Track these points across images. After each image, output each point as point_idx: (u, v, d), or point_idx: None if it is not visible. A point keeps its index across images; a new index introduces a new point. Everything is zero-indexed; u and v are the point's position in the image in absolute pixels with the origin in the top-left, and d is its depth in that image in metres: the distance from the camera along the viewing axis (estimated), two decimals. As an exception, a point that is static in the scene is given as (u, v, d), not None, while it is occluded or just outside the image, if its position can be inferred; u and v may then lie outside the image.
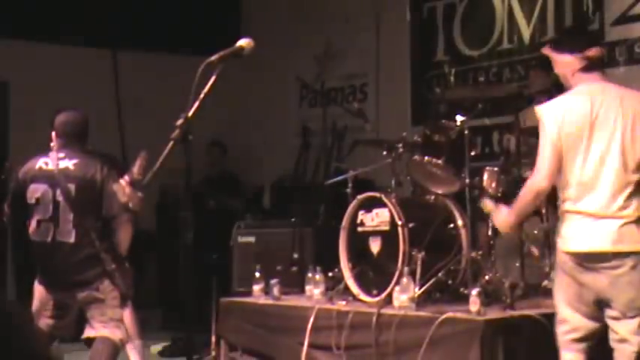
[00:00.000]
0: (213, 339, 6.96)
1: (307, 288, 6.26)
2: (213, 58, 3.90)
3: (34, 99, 8.86)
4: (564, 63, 4.33)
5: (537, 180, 4.21)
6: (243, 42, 4.01)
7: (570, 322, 4.25)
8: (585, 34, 4.68)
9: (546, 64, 6.28)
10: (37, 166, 5.48)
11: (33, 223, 5.43)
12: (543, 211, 5.60)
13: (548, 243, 5.61)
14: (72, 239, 5.36)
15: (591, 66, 4.24)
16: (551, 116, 4.18)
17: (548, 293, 5.35)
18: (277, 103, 10.16)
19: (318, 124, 8.78)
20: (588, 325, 4.22)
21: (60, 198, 5.36)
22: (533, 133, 5.77)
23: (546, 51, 4.45)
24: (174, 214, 9.04)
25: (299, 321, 5.71)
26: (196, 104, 3.88)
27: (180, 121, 3.86)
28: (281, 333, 5.83)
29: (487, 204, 4.79)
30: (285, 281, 6.49)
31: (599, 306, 4.15)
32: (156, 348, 7.60)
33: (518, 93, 5.93)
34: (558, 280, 4.31)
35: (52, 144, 5.61)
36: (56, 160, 5.45)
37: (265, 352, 6.19)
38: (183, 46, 9.50)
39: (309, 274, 6.29)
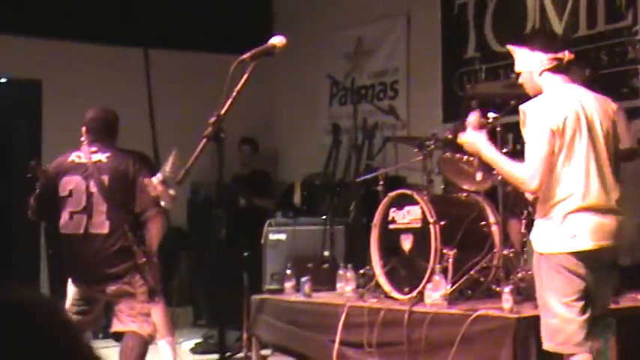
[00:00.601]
0: (245, 336, 6.98)
1: (338, 285, 6.27)
2: (246, 56, 3.92)
3: (67, 97, 8.94)
4: (534, 61, 4.32)
5: (532, 184, 4.19)
6: (275, 40, 4.02)
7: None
8: (558, 38, 4.55)
9: (581, 61, 6.26)
10: (69, 160, 5.50)
11: (65, 216, 5.42)
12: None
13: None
14: (105, 230, 5.35)
15: (560, 68, 4.30)
16: (545, 115, 4.17)
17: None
18: (308, 101, 10.16)
19: (348, 122, 8.79)
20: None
21: (93, 189, 5.36)
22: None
23: (513, 47, 4.39)
24: (206, 212, 9.09)
25: (330, 318, 5.73)
26: (229, 102, 3.90)
27: (212, 119, 3.88)
28: (312, 330, 5.85)
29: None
30: (316, 279, 6.50)
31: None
32: (188, 345, 7.63)
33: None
34: (561, 282, 4.14)
35: (82, 139, 5.64)
36: (89, 154, 5.47)
37: (297, 350, 6.21)
38: (214, 45, 9.54)
39: (340, 272, 6.29)
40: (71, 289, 5.62)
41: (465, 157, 5.78)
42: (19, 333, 1.33)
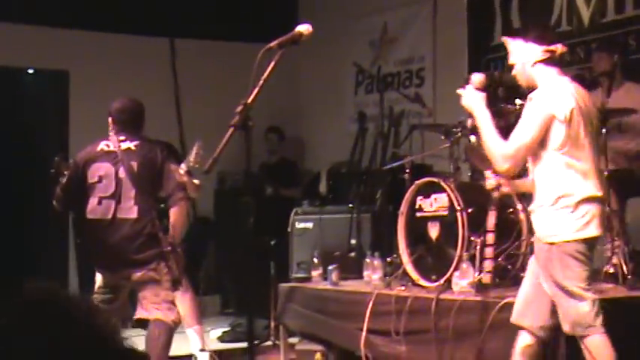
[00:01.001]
0: (272, 324, 7.01)
1: (365, 273, 6.27)
2: (273, 44, 3.92)
3: (94, 87, 8.98)
4: (528, 52, 4.37)
5: (504, 165, 4.36)
6: (301, 28, 4.02)
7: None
8: (551, 30, 4.59)
9: (609, 46, 6.22)
10: (98, 148, 5.55)
11: (93, 202, 5.44)
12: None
13: (610, 227, 5.54)
14: (134, 215, 5.39)
15: (553, 60, 4.34)
16: (551, 103, 4.20)
17: (610, 278, 5.32)
18: (333, 90, 10.15)
19: (374, 110, 8.77)
20: None
21: (122, 175, 5.41)
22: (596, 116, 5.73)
23: (508, 39, 4.43)
24: (233, 201, 9.11)
25: (358, 306, 5.73)
26: (256, 91, 3.90)
27: (239, 108, 3.88)
28: (340, 318, 5.85)
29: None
30: (343, 267, 6.51)
31: None
32: (215, 333, 7.66)
33: (576, 76, 5.84)
34: (579, 268, 4.20)
35: (109, 130, 5.68)
36: (117, 142, 5.52)
37: (324, 338, 6.23)
38: (240, 34, 9.55)
39: (368, 260, 6.30)
40: (97, 278, 5.66)
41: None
42: (55, 332, 1.34)
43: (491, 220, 5.34)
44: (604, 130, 5.56)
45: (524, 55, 4.40)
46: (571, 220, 4.18)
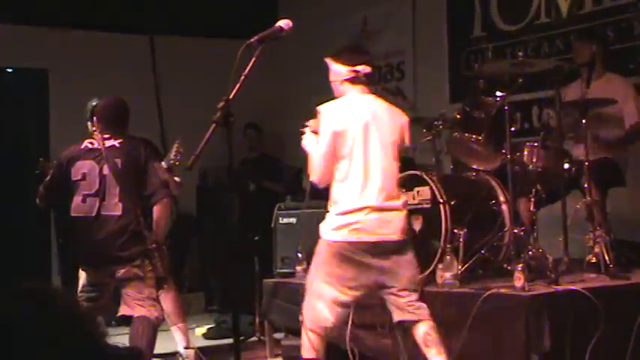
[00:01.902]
0: (257, 320, 7.01)
1: (349, 267, 6.26)
2: (253, 39, 3.92)
3: (73, 86, 8.94)
4: (336, 72, 4.86)
5: (312, 176, 4.76)
6: (282, 23, 4.03)
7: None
8: (361, 53, 5.05)
9: (588, 37, 6.25)
10: (82, 146, 5.54)
11: (77, 200, 5.43)
12: (585, 185, 5.56)
13: (592, 217, 5.58)
14: (118, 212, 5.39)
15: (358, 80, 4.79)
16: (332, 118, 4.68)
17: (592, 268, 5.36)
18: (314, 84, 10.09)
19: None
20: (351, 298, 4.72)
21: (106, 172, 5.41)
22: (575, 107, 5.77)
23: (326, 59, 4.69)
24: (216, 197, 9.10)
25: (342, 300, 5.71)
26: (237, 87, 3.89)
27: (221, 104, 3.88)
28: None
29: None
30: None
31: (376, 284, 4.68)
32: (200, 330, 7.66)
33: (556, 67, 5.87)
34: (333, 263, 4.65)
35: (93, 129, 5.72)
36: (102, 140, 5.52)
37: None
38: (219, 30, 9.54)
39: (352, 254, 6.28)
40: (82, 276, 5.66)
41: (474, 137, 5.79)
42: (44, 320, 1.34)
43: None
44: (584, 121, 5.59)
45: (335, 74, 4.88)
46: (338, 223, 4.62)
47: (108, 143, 5.51)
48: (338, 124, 4.64)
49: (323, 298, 4.67)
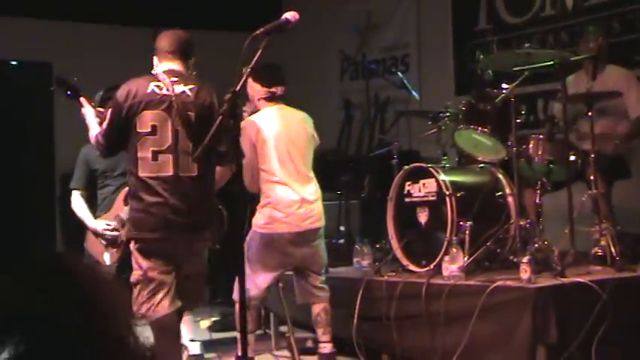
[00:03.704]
0: (263, 313, 7.00)
1: (355, 260, 6.28)
2: (259, 31, 3.92)
3: (77, 79, 8.91)
4: (255, 90, 5.57)
5: (247, 186, 5.23)
6: (288, 15, 4.02)
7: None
8: (277, 75, 5.70)
9: (596, 29, 6.22)
10: (148, 90, 4.72)
11: (145, 155, 4.64)
12: (591, 177, 5.55)
13: (597, 209, 5.57)
14: (194, 173, 4.67)
15: (273, 98, 5.60)
16: (248, 131, 5.37)
17: (598, 260, 5.35)
18: (319, 77, 10.14)
19: (360, 97, 8.77)
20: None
21: (179, 126, 4.66)
22: (581, 100, 5.76)
23: (246, 75, 4.48)
24: (222, 189, 9.08)
25: (348, 293, 5.73)
26: (243, 79, 3.89)
27: (227, 96, 3.88)
28: (331, 305, 5.85)
29: None
30: (332, 254, 6.51)
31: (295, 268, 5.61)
32: (205, 322, 7.66)
33: (562, 60, 5.86)
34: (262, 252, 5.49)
35: (155, 67, 4.97)
36: (170, 85, 4.74)
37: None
38: (224, 23, 9.52)
39: (357, 247, 6.30)
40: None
41: (480, 129, 5.79)
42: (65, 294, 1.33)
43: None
44: (590, 114, 5.58)
45: (253, 92, 5.58)
46: (263, 218, 5.48)
47: (178, 89, 4.73)
48: (256, 136, 5.42)
49: (252, 279, 5.35)
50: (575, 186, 5.75)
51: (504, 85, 5.75)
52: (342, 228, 7.25)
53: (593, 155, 5.51)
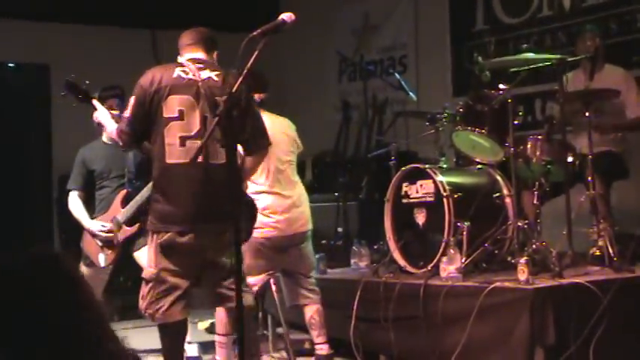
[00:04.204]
0: (260, 315, 6.99)
1: (353, 261, 6.28)
2: (256, 32, 3.90)
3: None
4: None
5: None
6: (285, 16, 4.01)
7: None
8: (259, 82, 5.70)
9: (593, 29, 6.22)
10: (174, 75, 4.62)
11: (172, 141, 4.45)
12: (589, 178, 5.54)
13: (595, 210, 5.56)
14: (222, 160, 4.37)
15: (261, 104, 5.56)
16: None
17: (596, 261, 5.34)
18: (317, 78, 10.13)
19: (358, 98, 8.76)
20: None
21: (207, 113, 4.50)
22: (578, 98, 5.75)
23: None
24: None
25: (346, 294, 5.73)
26: (239, 80, 3.88)
27: (224, 98, 3.87)
28: (328, 307, 5.84)
29: None
30: (330, 255, 6.51)
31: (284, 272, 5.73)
32: (203, 324, 7.64)
33: (560, 60, 5.85)
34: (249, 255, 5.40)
35: (180, 58, 4.86)
36: (196, 70, 4.62)
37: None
38: (221, 24, 9.50)
39: (355, 248, 6.30)
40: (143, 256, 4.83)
41: (477, 130, 5.78)
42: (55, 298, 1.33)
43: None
44: (587, 113, 5.58)
45: None
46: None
47: (204, 74, 4.61)
48: None
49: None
50: (574, 187, 5.74)
51: (502, 86, 5.74)
52: (339, 229, 7.25)
53: (590, 155, 5.50)
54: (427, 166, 5.79)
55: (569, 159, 5.67)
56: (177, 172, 4.43)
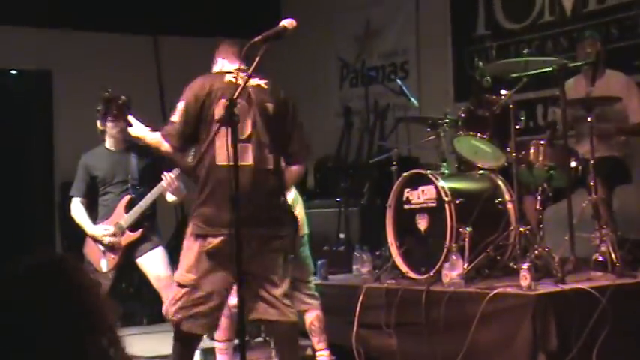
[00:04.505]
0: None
1: (355, 267, 6.27)
2: (257, 39, 3.92)
3: (77, 87, 8.93)
4: None
5: None
6: (286, 22, 4.02)
7: None
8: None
9: (593, 35, 6.22)
10: (225, 79, 4.53)
11: (222, 144, 4.29)
12: (591, 183, 5.54)
13: (598, 215, 5.56)
14: (270, 166, 4.47)
15: None
16: None
17: (598, 266, 5.34)
18: (318, 84, 10.13)
19: (359, 104, 8.76)
20: None
21: (258, 118, 4.50)
22: (580, 104, 5.75)
23: (244, 82, 4.30)
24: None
25: (348, 300, 5.72)
26: (241, 86, 3.89)
27: (225, 103, 3.88)
28: (330, 313, 5.84)
29: None
30: (332, 261, 6.51)
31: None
32: (205, 331, 7.63)
33: (561, 65, 5.85)
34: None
35: (219, 66, 4.77)
36: (244, 77, 4.34)
37: (315, 332, 6.21)
38: (223, 30, 9.50)
39: (356, 254, 6.29)
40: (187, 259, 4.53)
41: (479, 136, 5.78)
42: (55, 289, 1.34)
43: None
44: (589, 119, 5.58)
45: None
46: None
47: (253, 81, 4.51)
48: None
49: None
50: (576, 192, 5.74)
51: (503, 92, 5.74)
52: (341, 235, 7.24)
53: (592, 161, 5.50)
54: (429, 171, 5.79)
55: (572, 164, 5.67)
56: (226, 175, 4.22)
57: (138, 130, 4.97)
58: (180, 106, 4.55)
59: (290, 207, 4.87)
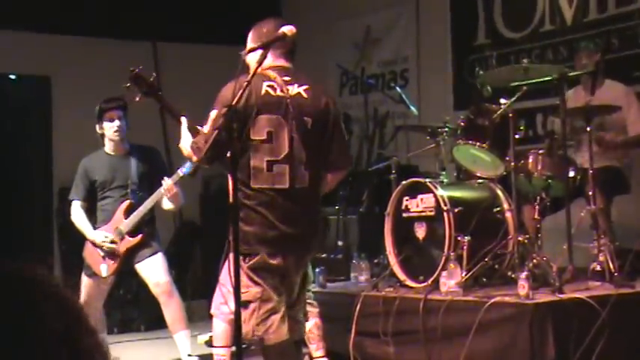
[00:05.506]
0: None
1: (352, 275, 6.26)
2: (256, 46, 3.91)
3: (76, 93, 8.93)
4: None
5: None
6: (285, 29, 4.01)
7: None
8: None
9: (593, 45, 6.22)
10: (262, 91, 4.21)
11: (259, 164, 4.18)
12: (590, 193, 5.53)
13: (596, 225, 5.55)
14: (305, 184, 4.25)
15: None
16: None
17: (596, 276, 5.33)
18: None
19: (359, 112, 8.76)
20: None
21: (295, 133, 4.23)
22: (580, 114, 5.75)
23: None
24: (219, 205, 9.07)
25: (346, 308, 5.71)
26: (240, 93, 3.88)
27: (224, 111, 3.86)
28: (328, 320, 5.83)
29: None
30: (330, 269, 6.50)
31: None
32: (203, 338, 7.62)
33: (561, 75, 5.85)
34: None
35: (257, 64, 3.98)
36: (283, 85, 4.25)
37: (312, 340, 6.20)
38: (222, 36, 9.52)
39: (355, 261, 6.29)
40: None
41: (478, 144, 5.77)
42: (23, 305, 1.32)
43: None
44: (588, 129, 5.58)
45: None
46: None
47: (292, 90, 4.26)
48: None
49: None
50: (575, 202, 5.74)
51: (503, 101, 5.74)
52: (339, 243, 7.23)
53: (591, 170, 5.50)
54: (428, 180, 5.79)
55: (570, 174, 5.67)
56: (264, 198, 4.17)
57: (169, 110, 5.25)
58: (213, 115, 4.27)
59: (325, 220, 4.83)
